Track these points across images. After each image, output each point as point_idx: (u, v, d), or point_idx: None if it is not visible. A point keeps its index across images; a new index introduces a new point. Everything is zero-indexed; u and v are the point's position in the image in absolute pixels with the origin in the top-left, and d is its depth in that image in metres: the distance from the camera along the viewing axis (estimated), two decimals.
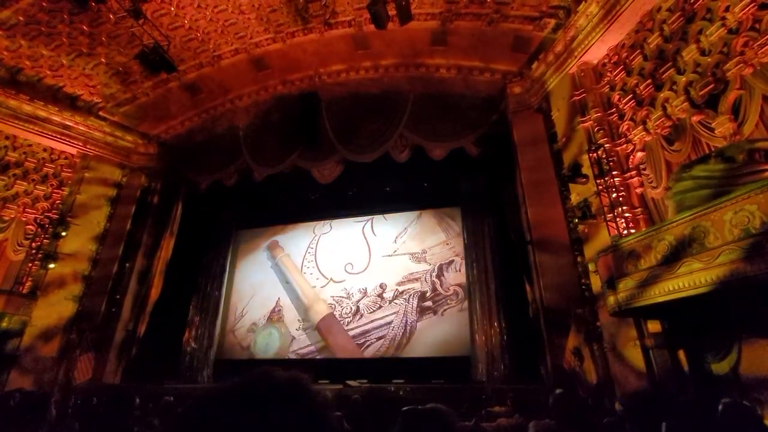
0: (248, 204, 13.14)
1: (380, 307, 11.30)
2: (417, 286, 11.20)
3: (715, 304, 4.79)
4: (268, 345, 11.85)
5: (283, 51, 10.16)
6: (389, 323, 11.02)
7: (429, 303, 10.91)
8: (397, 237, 11.91)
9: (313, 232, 13.02)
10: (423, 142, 9.88)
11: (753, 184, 3.94)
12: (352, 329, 11.33)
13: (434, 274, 11.14)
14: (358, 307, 11.51)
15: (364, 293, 11.61)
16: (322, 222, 12.99)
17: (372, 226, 12.36)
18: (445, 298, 10.83)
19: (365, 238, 12.26)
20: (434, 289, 11.00)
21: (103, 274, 10.27)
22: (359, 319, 11.38)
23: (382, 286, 11.51)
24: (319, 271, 12.43)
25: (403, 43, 9.61)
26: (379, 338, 10.98)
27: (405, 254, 11.62)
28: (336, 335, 11.33)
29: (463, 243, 11.14)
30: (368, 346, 11.00)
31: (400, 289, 11.30)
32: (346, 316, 11.56)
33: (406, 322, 10.90)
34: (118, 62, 9.86)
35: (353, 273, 12.01)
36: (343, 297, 11.81)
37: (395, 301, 11.20)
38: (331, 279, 12.18)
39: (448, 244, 11.29)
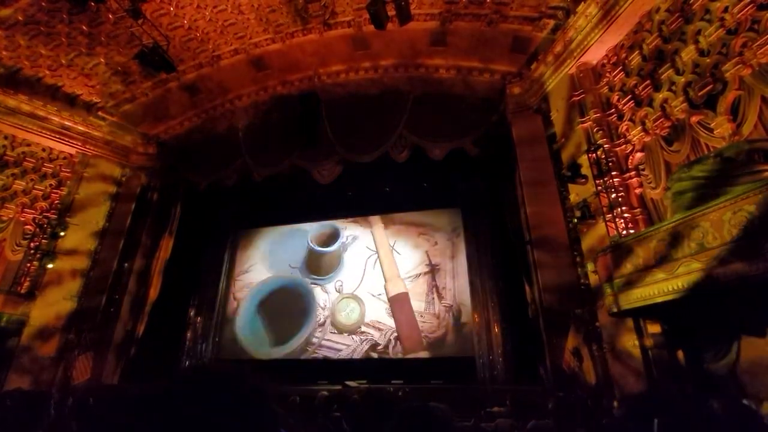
0: (248, 204, 13.15)
1: (341, 333, 11.59)
2: (376, 335, 11.29)
3: (714, 304, 4.79)
4: (349, 314, 11.88)
5: (283, 51, 10.15)
6: (338, 350, 11.36)
7: (375, 355, 11.04)
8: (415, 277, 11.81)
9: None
10: (422, 142, 9.89)
11: (752, 184, 3.94)
12: (311, 336, 11.69)
13: (395, 335, 11.14)
14: (326, 321, 11.83)
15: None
16: (345, 235, 12.90)
17: (375, 262, 12.35)
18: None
19: (365, 268, 12.31)
20: (386, 347, 11.07)
21: (102, 274, 10.25)
22: (320, 332, 11.73)
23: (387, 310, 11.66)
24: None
25: (403, 44, 9.61)
26: (325, 357, 11.37)
27: (385, 303, 11.62)
28: (404, 314, 11.35)
29: (462, 244, 11.27)
30: (312, 357, 11.46)
31: (363, 329, 11.49)
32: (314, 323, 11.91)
33: (350, 360, 11.15)
34: (118, 62, 9.85)
35: (339, 291, 12.20)
36: (320, 306, 12.07)
37: (353, 335, 11.44)
38: (322, 286, 12.40)
39: (422, 317, 11.14)
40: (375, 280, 11.98)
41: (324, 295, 12.20)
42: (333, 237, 12.91)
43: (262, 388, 0.80)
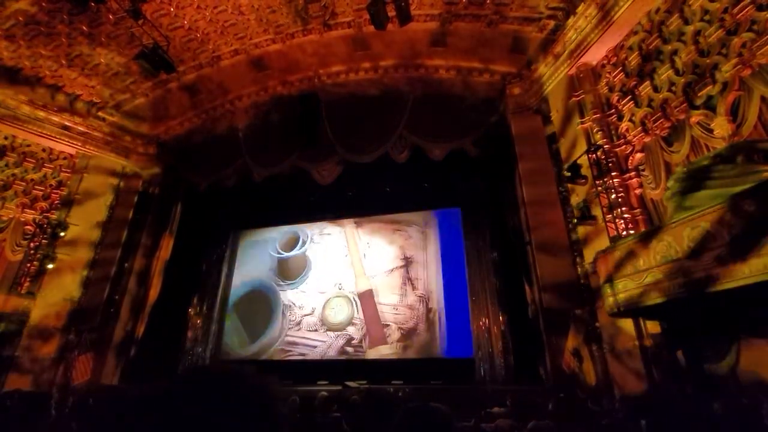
0: (248, 204, 13.15)
1: (316, 330, 11.83)
2: (351, 330, 11.54)
3: (714, 304, 4.79)
4: (334, 313, 12.07)
5: (283, 52, 10.16)
6: (314, 347, 11.60)
7: (350, 349, 11.28)
8: (389, 272, 12.09)
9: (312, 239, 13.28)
10: (422, 142, 9.89)
11: (751, 185, 3.94)
12: (287, 336, 11.95)
13: (409, 322, 11.30)
14: (301, 320, 12.09)
15: (312, 312, 12.07)
16: (318, 233, 13.22)
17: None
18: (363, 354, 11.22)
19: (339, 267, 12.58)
20: (361, 341, 11.33)
21: (102, 275, 10.24)
22: (297, 330, 12.00)
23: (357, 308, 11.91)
24: None
25: (403, 44, 9.62)
26: (301, 354, 11.61)
27: (384, 291, 11.81)
28: (370, 309, 11.70)
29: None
30: (288, 356, 11.66)
31: (350, 327, 11.71)
32: (287, 323, 12.14)
33: (324, 355, 11.39)
34: (118, 63, 9.86)
35: (315, 289, 12.42)
36: (295, 305, 12.31)
37: (329, 331, 11.67)
38: (294, 283, 12.64)
39: (396, 309, 11.39)
40: (352, 278, 12.25)
41: (299, 294, 12.42)
42: (296, 241, 13.31)
43: (263, 388, 0.80)
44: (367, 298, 11.81)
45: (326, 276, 12.48)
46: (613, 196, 6.73)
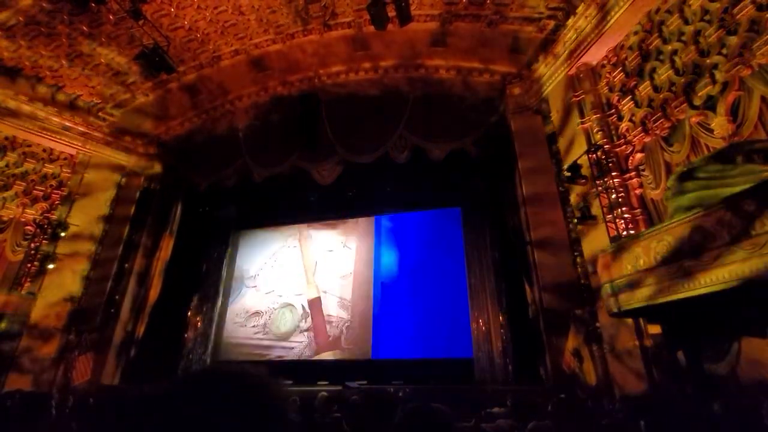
0: (248, 204, 13.16)
1: (279, 339, 12.04)
2: (327, 328, 11.73)
3: (714, 305, 4.79)
4: (282, 323, 12.28)
5: (283, 52, 10.17)
6: (291, 348, 11.74)
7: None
8: (341, 277, 12.34)
9: (285, 243, 13.46)
10: (422, 142, 9.89)
11: (751, 184, 3.94)
12: (264, 339, 12.11)
13: (347, 324, 11.56)
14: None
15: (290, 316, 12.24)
16: (293, 238, 13.40)
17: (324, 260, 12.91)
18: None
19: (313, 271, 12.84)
20: (339, 338, 11.57)
21: (103, 275, 10.25)
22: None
23: (304, 315, 12.16)
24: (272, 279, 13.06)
25: (403, 45, 9.62)
26: (279, 357, 11.72)
27: (335, 296, 12.05)
28: (317, 316, 12.03)
29: (462, 244, 11.40)
30: (265, 359, 11.72)
31: (301, 331, 11.95)
32: (266, 326, 12.27)
33: (301, 356, 11.57)
34: (118, 63, 9.87)
35: (292, 293, 12.56)
36: (274, 308, 12.46)
37: (306, 332, 11.83)
38: (273, 290, 12.73)
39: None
40: (326, 279, 12.45)
41: (276, 298, 12.60)
42: None
43: (263, 388, 0.80)
44: (316, 305, 12.07)
45: (302, 282, 12.60)
46: (614, 196, 6.73)
